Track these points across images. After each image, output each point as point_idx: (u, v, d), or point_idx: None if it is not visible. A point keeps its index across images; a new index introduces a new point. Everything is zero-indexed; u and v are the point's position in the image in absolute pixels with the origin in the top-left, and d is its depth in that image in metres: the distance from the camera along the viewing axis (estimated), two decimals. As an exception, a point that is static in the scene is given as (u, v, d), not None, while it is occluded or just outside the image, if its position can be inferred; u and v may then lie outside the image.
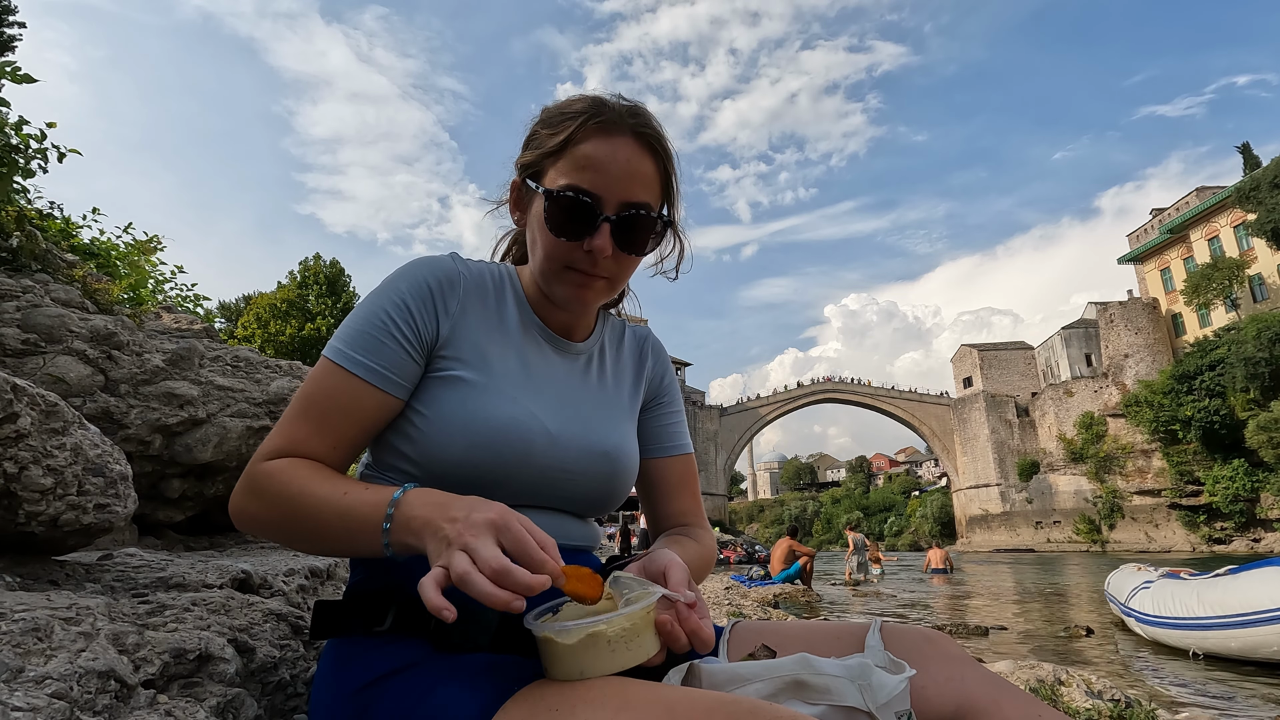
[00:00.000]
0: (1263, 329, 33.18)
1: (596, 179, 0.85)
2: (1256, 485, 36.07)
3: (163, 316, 2.72)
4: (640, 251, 0.91)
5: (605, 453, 0.94)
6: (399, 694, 0.72)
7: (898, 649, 0.85)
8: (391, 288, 0.87)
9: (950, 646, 0.88)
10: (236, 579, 1.23)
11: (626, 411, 1.03)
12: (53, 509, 0.97)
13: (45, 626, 0.67)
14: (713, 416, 69.71)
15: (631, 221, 0.87)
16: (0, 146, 2.03)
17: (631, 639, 0.63)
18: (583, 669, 0.63)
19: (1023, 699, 0.82)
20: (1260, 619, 6.02)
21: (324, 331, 25.93)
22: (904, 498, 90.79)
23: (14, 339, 1.62)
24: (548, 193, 0.86)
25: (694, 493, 1.09)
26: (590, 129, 0.87)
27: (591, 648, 0.62)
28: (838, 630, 0.89)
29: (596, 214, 0.85)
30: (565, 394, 0.94)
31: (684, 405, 1.14)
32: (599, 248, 0.85)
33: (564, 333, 0.98)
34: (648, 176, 0.89)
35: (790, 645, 0.87)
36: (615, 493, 0.97)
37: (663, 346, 1.15)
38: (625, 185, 0.86)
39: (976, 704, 0.81)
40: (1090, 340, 52.35)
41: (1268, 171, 34.64)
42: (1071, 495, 50.27)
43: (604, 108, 0.88)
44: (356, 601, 0.81)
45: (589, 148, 0.86)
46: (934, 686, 0.83)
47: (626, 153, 0.87)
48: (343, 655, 0.79)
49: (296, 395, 0.85)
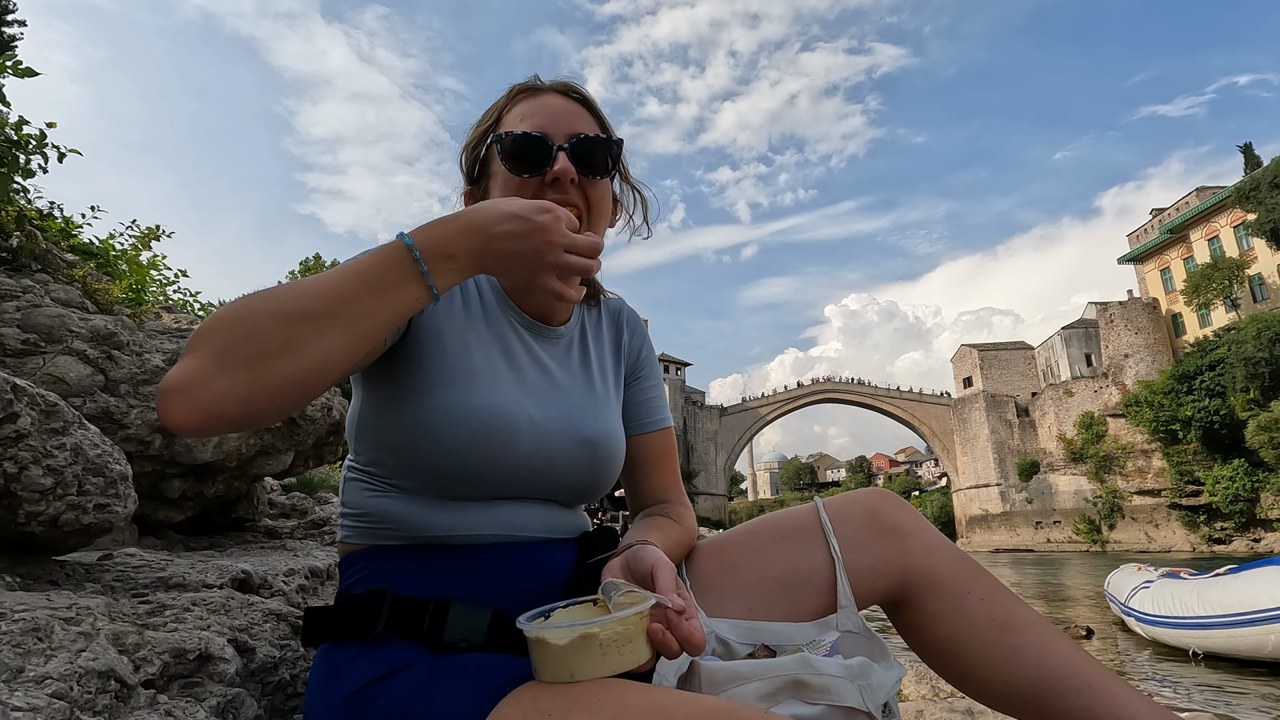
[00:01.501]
0: (1263, 329, 33.15)
1: (538, 122, 0.89)
2: (1256, 485, 36.05)
3: (163, 316, 2.72)
4: (603, 173, 0.92)
5: (590, 439, 0.93)
6: (393, 697, 0.71)
7: (844, 529, 0.92)
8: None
9: (894, 517, 0.93)
10: (236, 579, 1.23)
11: (611, 394, 1.02)
12: (53, 509, 0.97)
13: (45, 626, 0.67)
14: (713, 416, 69.58)
15: (586, 144, 0.89)
16: (0, 146, 2.03)
17: (624, 644, 0.63)
18: (573, 671, 0.63)
19: (959, 568, 0.89)
20: (1260, 619, 6.02)
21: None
22: (904, 498, 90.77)
23: (14, 339, 1.62)
24: (498, 136, 0.89)
25: (673, 468, 1.09)
26: (517, 98, 0.94)
27: (583, 650, 0.62)
28: (789, 531, 0.95)
29: (549, 145, 0.88)
30: (547, 381, 0.93)
31: (684, 404, 1.14)
32: (562, 171, 0.86)
33: (541, 317, 0.97)
34: (585, 117, 0.93)
35: (746, 559, 0.94)
36: (602, 480, 0.96)
37: (638, 318, 1.14)
38: (568, 122, 0.91)
39: (916, 578, 0.89)
40: (1090, 340, 52.32)
41: (1268, 171, 34.61)
42: (1071, 495, 50.24)
43: (526, 82, 0.96)
44: (348, 606, 0.81)
45: (520, 108, 0.92)
46: (873, 568, 0.90)
47: (558, 102, 0.93)
48: (335, 660, 0.78)
49: None
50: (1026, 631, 0.83)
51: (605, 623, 0.63)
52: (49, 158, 2.17)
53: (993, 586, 0.88)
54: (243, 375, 0.56)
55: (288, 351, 0.58)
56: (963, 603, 0.86)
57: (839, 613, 0.87)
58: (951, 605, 0.87)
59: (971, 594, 0.87)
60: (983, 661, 0.84)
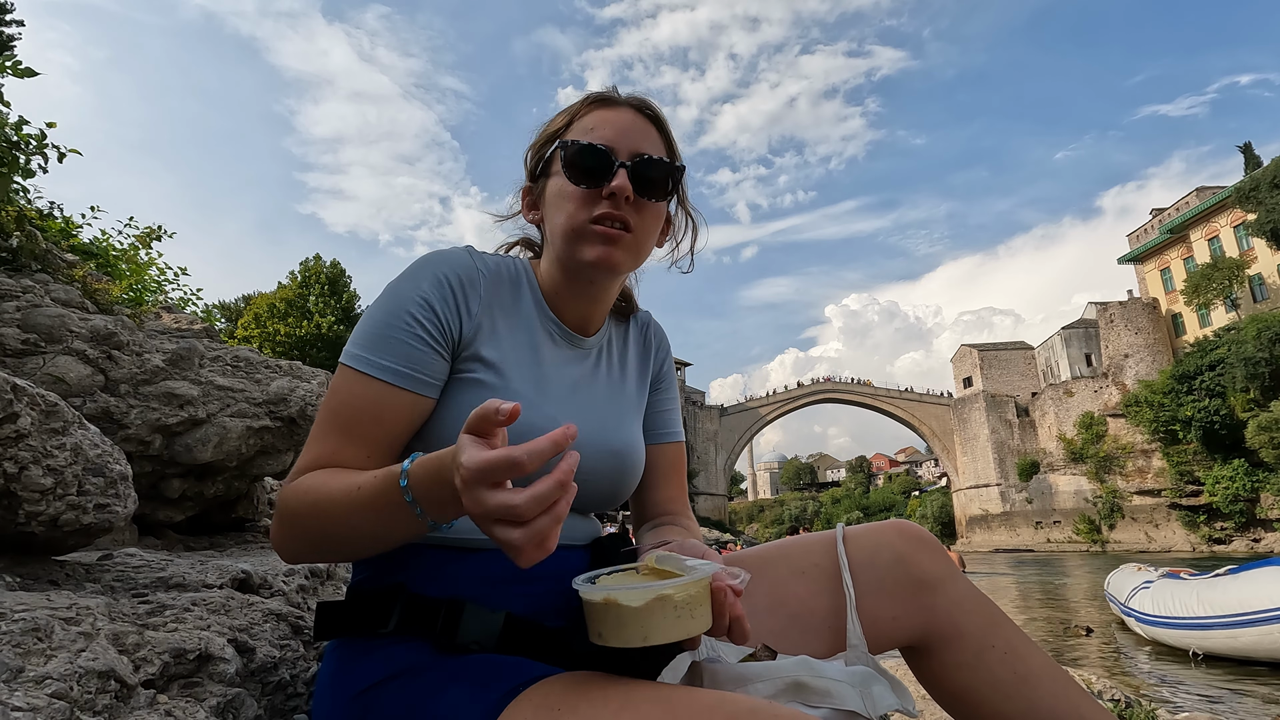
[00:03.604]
0: (1263, 329, 33.16)
1: (606, 135, 0.89)
2: (1256, 485, 36.06)
3: (163, 316, 2.71)
4: (659, 197, 0.91)
5: (616, 451, 0.94)
6: (403, 697, 0.72)
7: (868, 574, 0.91)
8: (412, 286, 0.84)
9: (923, 566, 0.91)
10: (236, 579, 1.23)
11: (635, 406, 1.03)
12: (53, 509, 0.97)
13: (45, 626, 0.67)
14: (713, 416, 69.59)
15: (647, 166, 0.88)
16: (0, 146, 2.03)
17: (695, 608, 0.62)
18: (647, 634, 0.61)
19: (983, 622, 0.88)
20: (1260, 619, 6.02)
21: (324, 329, 25.83)
22: (904, 498, 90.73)
23: (14, 339, 1.62)
24: (564, 143, 0.88)
25: (681, 482, 1.09)
26: (592, 105, 0.93)
27: (658, 611, 0.61)
28: (808, 567, 0.94)
29: (612, 160, 0.87)
30: (579, 394, 0.94)
31: (684, 404, 1.14)
32: (619, 188, 0.85)
33: (578, 327, 0.98)
34: (653, 137, 0.92)
35: (760, 588, 0.92)
36: (623, 490, 0.97)
37: (663, 330, 1.15)
38: (634, 139, 0.90)
39: (939, 631, 0.88)
40: (1090, 340, 52.34)
41: (1267, 171, 34.62)
42: (1071, 495, 50.26)
43: (603, 92, 0.95)
44: (360, 602, 0.81)
45: (593, 117, 0.92)
46: (895, 619, 0.89)
47: (629, 116, 0.92)
48: (346, 657, 0.79)
49: (320, 411, 0.81)
50: (1043, 684, 0.84)
51: (679, 585, 0.62)
52: (49, 158, 2.17)
53: (1014, 638, 0.88)
54: (313, 555, 0.79)
55: (339, 558, 0.80)
56: (984, 656, 0.86)
57: (848, 651, 0.87)
58: (972, 658, 0.87)
59: (995, 648, 0.87)
60: (999, 714, 0.85)
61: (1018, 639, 0.87)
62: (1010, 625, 0.89)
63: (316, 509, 0.72)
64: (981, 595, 0.91)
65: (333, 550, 0.76)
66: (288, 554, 0.78)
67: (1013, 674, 0.85)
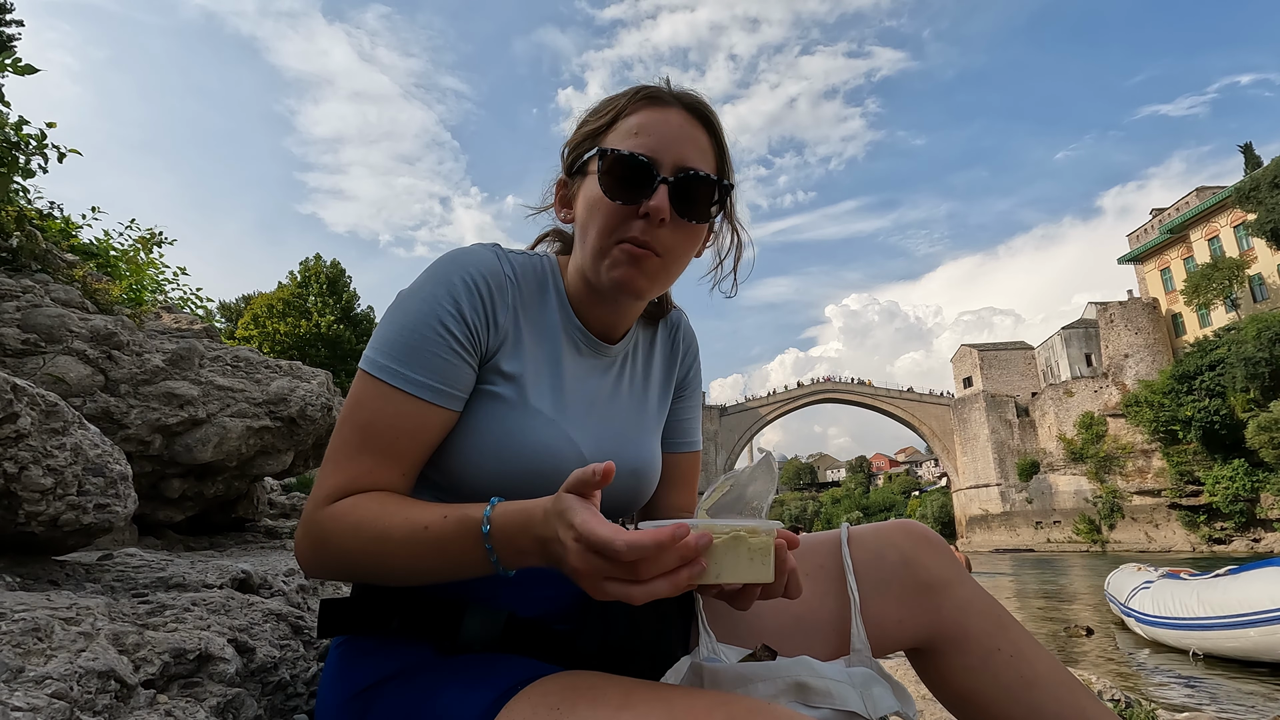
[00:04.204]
0: (1263, 329, 33.16)
1: (649, 143, 0.81)
2: (1256, 485, 36.05)
3: (163, 316, 2.71)
4: (701, 218, 0.84)
5: (635, 469, 0.92)
6: (403, 695, 0.72)
7: (873, 574, 0.90)
8: (444, 291, 0.80)
9: (930, 569, 0.90)
10: (236, 579, 1.23)
11: (655, 418, 1.01)
12: (53, 509, 0.97)
13: (45, 626, 0.67)
14: (713, 416, 69.65)
15: (689, 184, 0.81)
16: (0, 146, 2.03)
17: (765, 555, 0.62)
18: (720, 571, 0.60)
19: (990, 625, 0.87)
20: (1260, 619, 6.02)
21: (324, 329, 25.81)
22: (904, 498, 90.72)
23: (14, 339, 1.62)
24: (603, 151, 0.81)
25: (692, 489, 1.09)
26: (639, 102, 0.84)
27: (734, 550, 0.61)
28: (813, 570, 0.92)
29: (653, 175, 0.80)
30: (598, 409, 0.91)
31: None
32: (655, 208, 0.78)
33: (603, 334, 0.93)
34: (702, 145, 0.84)
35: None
36: (637, 503, 0.96)
37: (694, 333, 1.10)
38: (680, 149, 0.82)
39: (945, 633, 0.88)
40: (1090, 340, 52.33)
41: (1267, 171, 34.62)
42: (1071, 495, 50.25)
43: (652, 86, 0.86)
44: (363, 600, 0.81)
45: (638, 118, 0.83)
46: (900, 622, 0.89)
47: (679, 120, 0.83)
48: (349, 655, 0.79)
49: (346, 424, 0.77)
50: (1048, 688, 0.84)
51: (755, 528, 0.62)
52: (49, 158, 2.17)
53: (1021, 641, 0.87)
54: (351, 578, 0.77)
55: (383, 583, 0.76)
56: (990, 659, 0.86)
57: (851, 654, 0.86)
58: (978, 661, 0.86)
59: (1001, 651, 0.86)
60: (1005, 717, 0.85)
61: (1025, 642, 0.87)
62: (1017, 628, 0.88)
63: (374, 544, 0.70)
64: (989, 597, 0.90)
65: (379, 578, 0.74)
66: (319, 573, 0.76)
67: (1019, 678, 0.84)
